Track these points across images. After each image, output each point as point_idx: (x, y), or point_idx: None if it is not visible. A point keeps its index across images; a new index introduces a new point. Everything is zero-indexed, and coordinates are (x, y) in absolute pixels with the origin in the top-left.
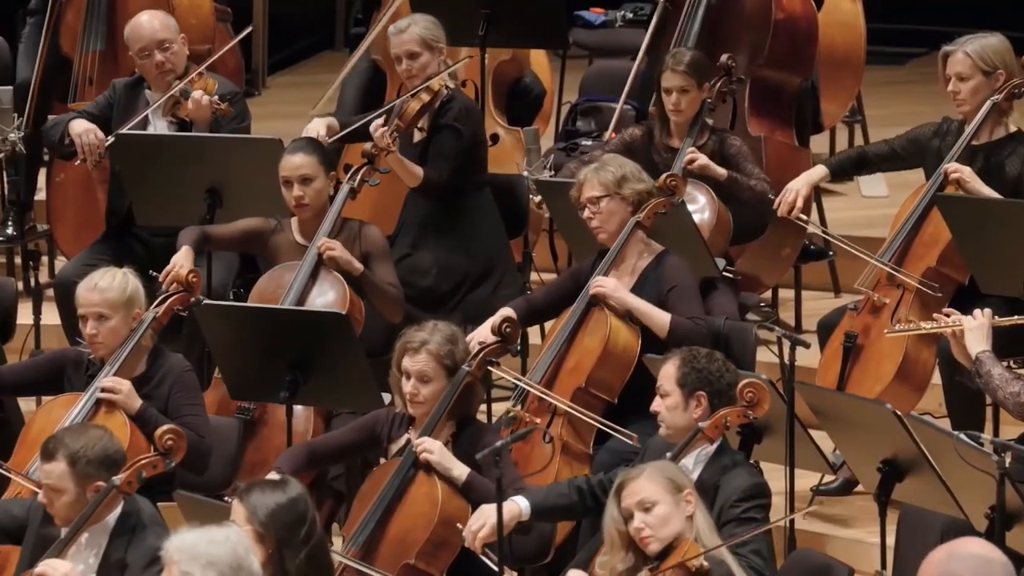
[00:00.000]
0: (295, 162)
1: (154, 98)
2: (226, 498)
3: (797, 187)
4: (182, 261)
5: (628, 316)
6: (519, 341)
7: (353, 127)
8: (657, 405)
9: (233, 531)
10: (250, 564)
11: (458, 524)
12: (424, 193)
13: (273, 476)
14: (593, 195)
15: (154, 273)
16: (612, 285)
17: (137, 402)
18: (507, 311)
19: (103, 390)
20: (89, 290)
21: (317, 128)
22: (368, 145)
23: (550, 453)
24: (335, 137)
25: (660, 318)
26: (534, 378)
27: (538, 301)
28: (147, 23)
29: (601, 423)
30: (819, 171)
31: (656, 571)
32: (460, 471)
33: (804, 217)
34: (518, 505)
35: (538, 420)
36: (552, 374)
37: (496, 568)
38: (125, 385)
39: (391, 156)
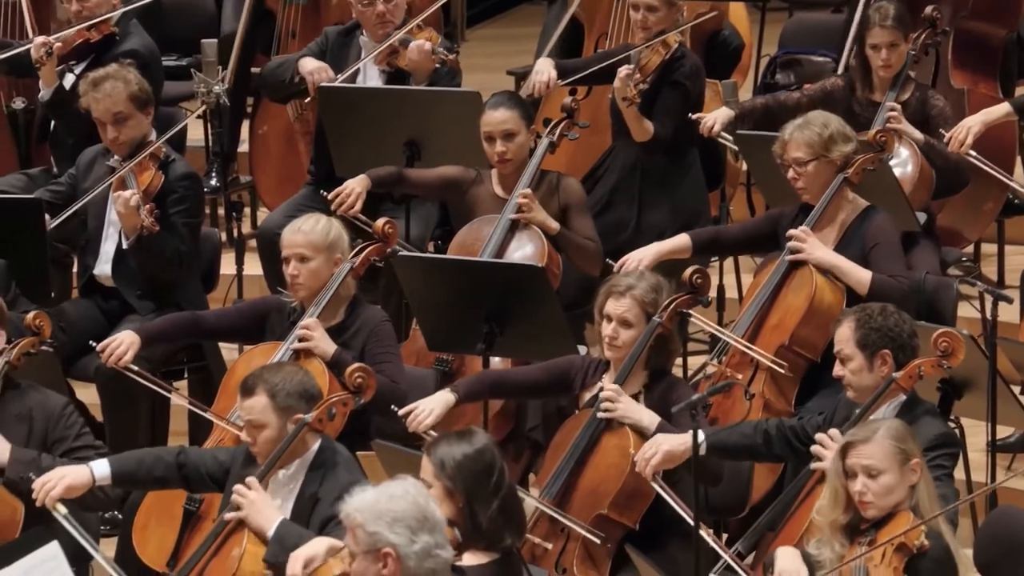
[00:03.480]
0: (498, 117)
1: (368, 45)
2: (422, 448)
3: (970, 124)
4: (354, 185)
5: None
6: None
7: (584, 73)
8: (839, 370)
9: (410, 483)
10: (433, 513)
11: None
12: (647, 148)
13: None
14: (799, 157)
15: (324, 193)
16: (810, 243)
17: (331, 347)
18: (684, 239)
19: (299, 339)
20: (293, 232)
21: (547, 69)
22: (568, 99)
23: (749, 409)
24: (567, 81)
25: (860, 275)
26: (736, 333)
27: (727, 234)
28: None
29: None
30: (1000, 108)
31: (874, 544)
32: (650, 420)
33: (973, 153)
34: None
35: (739, 376)
36: (755, 330)
37: (683, 511)
38: (318, 330)
39: (631, 109)
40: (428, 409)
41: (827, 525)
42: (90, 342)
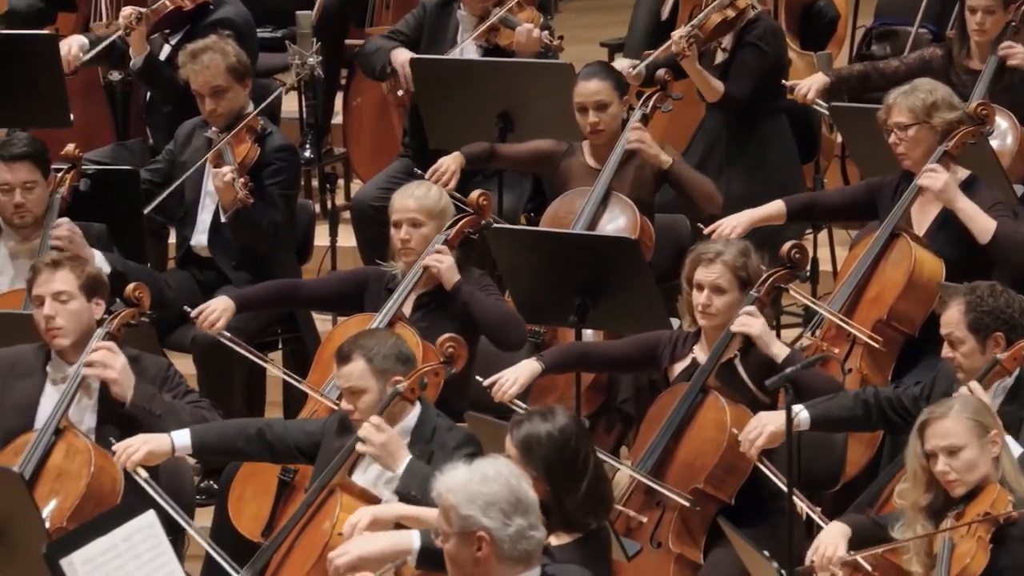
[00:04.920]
0: (591, 88)
1: (466, 20)
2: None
3: None
4: (449, 163)
5: (935, 236)
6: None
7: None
8: (949, 352)
9: (502, 463)
10: (526, 493)
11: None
12: (722, 109)
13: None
14: (901, 121)
15: (419, 171)
16: (943, 180)
17: (456, 276)
18: (778, 205)
19: (432, 257)
20: (405, 197)
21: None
22: (661, 71)
23: (844, 384)
24: (646, 63)
25: (985, 222)
26: (833, 307)
27: (823, 200)
28: None
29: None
30: None
31: (961, 517)
32: (779, 349)
33: None
34: (797, 416)
35: (835, 350)
36: (852, 304)
37: (778, 479)
38: (448, 258)
39: (687, 63)
40: (513, 378)
41: (909, 507)
42: (184, 307)
